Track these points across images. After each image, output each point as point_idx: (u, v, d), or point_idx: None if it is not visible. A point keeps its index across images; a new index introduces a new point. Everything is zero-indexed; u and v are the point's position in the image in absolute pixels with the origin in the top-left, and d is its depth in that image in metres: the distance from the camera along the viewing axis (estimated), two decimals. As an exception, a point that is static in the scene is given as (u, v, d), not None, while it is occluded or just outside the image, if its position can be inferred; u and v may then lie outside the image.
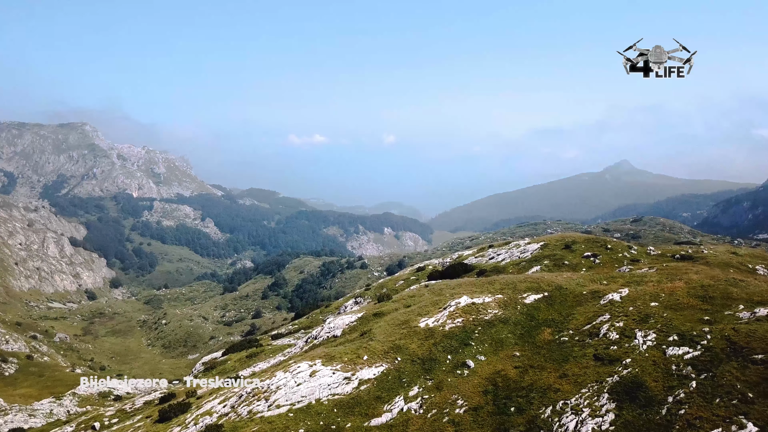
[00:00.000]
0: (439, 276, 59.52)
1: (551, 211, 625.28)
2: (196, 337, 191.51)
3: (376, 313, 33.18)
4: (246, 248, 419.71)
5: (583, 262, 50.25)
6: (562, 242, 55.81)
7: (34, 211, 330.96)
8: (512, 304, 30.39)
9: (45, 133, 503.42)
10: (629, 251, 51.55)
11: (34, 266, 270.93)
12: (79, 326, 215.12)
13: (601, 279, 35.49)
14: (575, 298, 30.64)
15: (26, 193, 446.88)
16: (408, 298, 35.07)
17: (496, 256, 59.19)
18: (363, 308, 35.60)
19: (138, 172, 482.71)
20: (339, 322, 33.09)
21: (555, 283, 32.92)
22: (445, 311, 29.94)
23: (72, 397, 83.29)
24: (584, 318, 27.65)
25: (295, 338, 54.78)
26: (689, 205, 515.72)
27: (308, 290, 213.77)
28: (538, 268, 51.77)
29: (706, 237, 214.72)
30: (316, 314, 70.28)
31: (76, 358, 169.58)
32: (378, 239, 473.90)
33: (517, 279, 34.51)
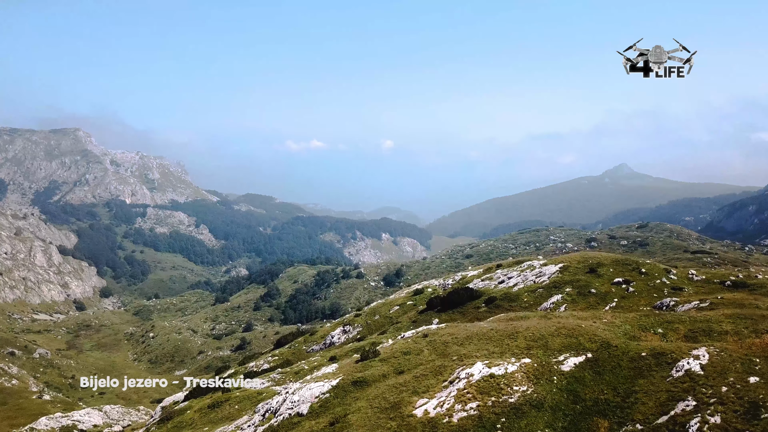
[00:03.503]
0: (439, 303, 51.07)
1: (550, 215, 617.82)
2: (185, 351, 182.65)
3: (357, 381, 24.72)
4: (241, 255, 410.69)
5: (614, 291, 41.86)
6: (585, 264, 47.36)
7: (22, 218, 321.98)
8: (545, 373, 21.93)
9: (37, 138, 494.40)
10: (668, 276, 43.12)
11: (20, 276, 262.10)
12: (63, 340, 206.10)
13: (654, 325, 27.03)
14: (632, 362, 22.17)
15: (17, 199, 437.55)
16: (401, 356, 26.62)
17: (506, 279, 50.71)
18: (341, 369, 27.15)
19: (131, 178, 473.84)
20: (306, 394, 24.65)
21: (599, 338, 24.43)
22: (452, 388, 21.48)
23: (29, 433, 74.78)
24: (655, 402, 19.22)
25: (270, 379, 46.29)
26: (691, 209, 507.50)
27: (302, 301, 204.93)
28: (559, 298, 43.31)
29: (715, 243, 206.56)
30: (299, 343, 61.77)
31: (55, 376, 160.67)
32: (376, 245, 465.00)
33: (546, 328, 25.99)
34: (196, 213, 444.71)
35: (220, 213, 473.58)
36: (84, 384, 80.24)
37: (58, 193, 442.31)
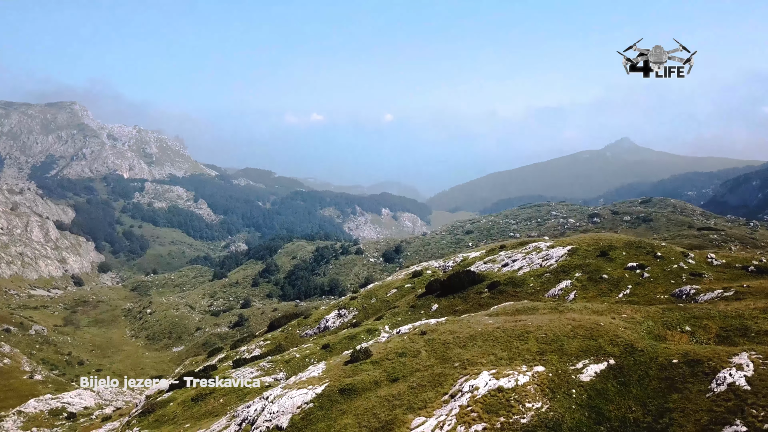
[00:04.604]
0: (439, 287, 48.08)
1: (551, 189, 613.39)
2: (182, 328, 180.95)
3: (345, 388, 21.72)
4: (240, 230, 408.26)
5: (627, 277, 38.80)
6: (595, 246, 44.24)
7: (19, 193, 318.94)
8: (562, 385, 18.93)
9: (32, 112, 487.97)
10: (685, 260, 40.03)
11: (17, 251, 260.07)
12: (60, 316, 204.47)
13: (680, 322, 24.00)
14: (662, 371, 19.14)
15: (14, 174, 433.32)
16: (396, 358, 23.55)
17: (510, 262, 47.62)
18: (329, 371, 24.03)
19: (129, 152, 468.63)
20: (287, 404, 21.65)
21: (621, 339, 21.37)
22: (453, 404, 18.46)
23: (16, 416, 72.68)
24: (695, 426, 16.22)
25: (259, 368, 43.61)
26: (694, 184, 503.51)
27: (301, 277, 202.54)
28: (568, 284, 40.27)
29: (719, 219, 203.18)
30: (292, 327, 58.99)
31: (52, 353, 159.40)
32: (375, 220, 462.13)
33: (561, 327, 22.94)
34: (195, 187, 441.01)
35: (219, 187, 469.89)
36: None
37: (55, 167, 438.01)
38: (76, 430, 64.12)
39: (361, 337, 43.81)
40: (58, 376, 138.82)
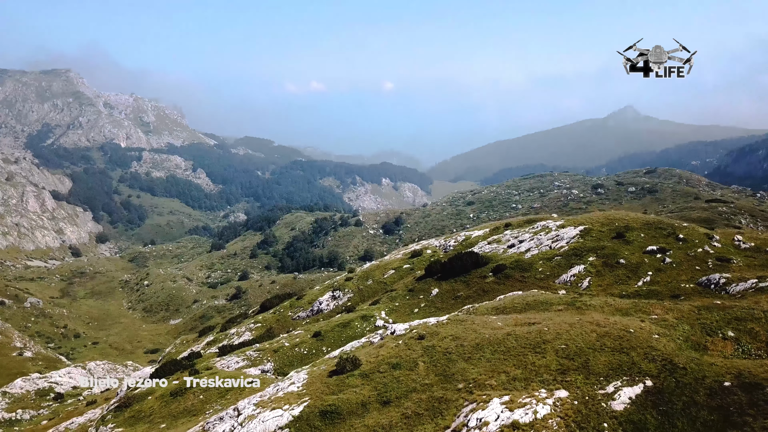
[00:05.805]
0: (440, 270, 44.68)
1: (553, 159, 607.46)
2: (179, 300, 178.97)
3: (326, 411, 18.32)
4: (239, 200, 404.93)
5: (647, 262, 35.29)
6: (610, 227, 40.65)
7: (14, 162, 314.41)
8: (591, 417, 15.46)
9: (27, 80, 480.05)
10: (710, 243, 36.46)
11: (13, 222, 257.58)
12: (57, 287, 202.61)
13: (721, 325, 20.57)
14: (711, 397, 15.68)
15: (10, 143, 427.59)
16: (388, 371, 20.10)
17: (517, 243, 44.13)
18: (310, 384, 20.58)
19: (126, 121, 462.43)
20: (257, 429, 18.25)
21: (657, 353, 17.86)
22: (457, 444, 15.05)
23: (1, 397, 70.21)
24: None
25: (246, 357, 40.59)
26: (698, 153, 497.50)
27: (299, 249, 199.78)
28: (581, 269, 36.81)
29: (725, 190, 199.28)
30: (285, 308, 55.86)
31: (47, 326, 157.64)
32: (376, 190, 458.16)
33: (584, 336, 19.44)
34: (193, 157, 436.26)
35: (217, 157, 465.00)
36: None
37: (52, 136, 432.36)
38: (60, 414, 61.83)
39: (354, 324, 40.63)
40: (53, 350, 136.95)
